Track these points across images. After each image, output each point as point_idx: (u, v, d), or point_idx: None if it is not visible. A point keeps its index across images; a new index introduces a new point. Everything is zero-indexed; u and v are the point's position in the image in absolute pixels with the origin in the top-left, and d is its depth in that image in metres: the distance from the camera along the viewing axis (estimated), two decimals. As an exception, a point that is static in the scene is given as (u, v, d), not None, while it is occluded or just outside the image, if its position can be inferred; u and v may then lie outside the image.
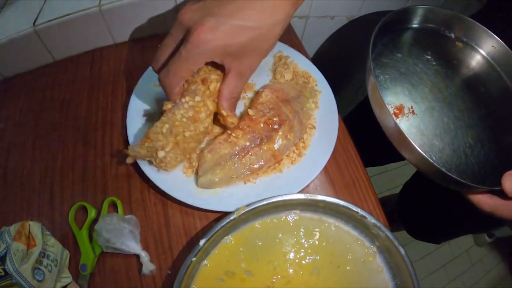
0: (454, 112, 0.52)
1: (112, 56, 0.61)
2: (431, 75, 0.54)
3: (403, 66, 0.54)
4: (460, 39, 0.58)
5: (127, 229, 0.45)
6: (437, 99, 0.52)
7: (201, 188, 0.47)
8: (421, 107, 0.51)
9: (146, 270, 0.44)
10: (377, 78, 0.51)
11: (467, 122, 0.51)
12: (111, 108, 0.56)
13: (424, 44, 0.57)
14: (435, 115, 0.51)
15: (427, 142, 0.49)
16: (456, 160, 0.48)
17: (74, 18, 0.55)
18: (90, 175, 0.51)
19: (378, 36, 0.51)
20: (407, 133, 0.47)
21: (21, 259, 0.39)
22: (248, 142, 0.48)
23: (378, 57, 0.53)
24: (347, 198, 0.51)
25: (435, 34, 0.58)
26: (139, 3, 0.56)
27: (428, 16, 0.56)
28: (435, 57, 0.56)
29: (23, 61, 0.59)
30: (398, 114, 0.50)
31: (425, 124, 0.50)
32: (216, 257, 0.44)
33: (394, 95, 0.51)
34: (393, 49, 0.55)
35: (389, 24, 0.52)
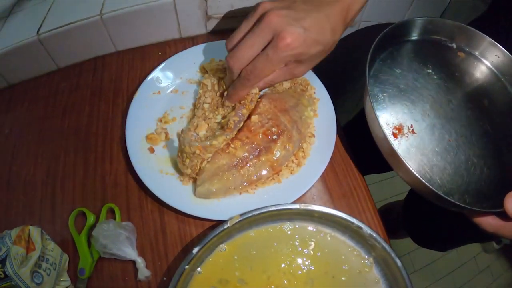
0: (457, 128, 0.50)
1: (114, 64, 0.62)
2: (432, 90, 0.53)
3: (403, 82, 0.52)
4: (462, 49, 0.56)
5: (123, 235, 0.45)
6: (439, 115, 0.51)
7: (198, 198, 0.48)
8: (421, 125, 0.50)
9: (141, 276, 0.45)
10: (376, 96, 0.50)
11: (469, 138, 0.50)
12: (112, 116, 0.57)
13: (424, 57, 0.55)
14: (436, 133, 0.50)
15: (427, 162, 0.48)
16: (458, 178, 0.47)
17: (76, 26, 0.56)
18: (90, 181, 0.52)
19: (375, 52, 0.50)
20: (406, 153, 0.47)
21: (21, 262, 0.40)
22: (246, 153, 0.48)
23: (377, 74, 0.52)
24: (344, 208, 0.51)
25: (436, 45, 0.57)
26: (139, 12, 0.57)
27: (428, 28, 0.55)
28: (436, 70, 0.54)
29: (28, 68, 0.60)
30: (398, 134, 0.49)
31: (426, 143, 0.49)
32: (210, 265, 0.45)
33: (393, 114, 0.50)
34: (392, 64, 0.54)
35: (388, 38, 0.51)
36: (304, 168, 0.51)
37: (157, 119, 0.54)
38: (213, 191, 0.47)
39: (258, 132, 0.49)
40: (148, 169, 0.49)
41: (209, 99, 0.53)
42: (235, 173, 0.48)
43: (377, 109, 0.50)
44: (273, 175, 0.49)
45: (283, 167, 0.50)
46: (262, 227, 0.47)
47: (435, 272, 1.36)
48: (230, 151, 0.48)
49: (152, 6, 0.57)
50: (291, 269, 0.45)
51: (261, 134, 0.49)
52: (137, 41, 0.62)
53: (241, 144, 0.48)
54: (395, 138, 0.48)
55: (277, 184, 0.50)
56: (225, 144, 0.48)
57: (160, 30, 0.62)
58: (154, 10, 0.58)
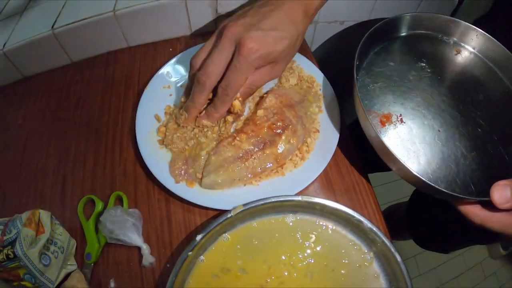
0: (447, 120, 0.50)
1: (126, 59, 0.64)
2: (425, 82, 0.53)
3: (396, 74, 0.53)
4: (459, 45, 0.57)
5: (130, 222, 0.47)
6: (430, 107, 0.51)
7: (206, 189, 0.49)
8: (411, 115, 0.50)
9: (146, 262, 0.47)
10: (366, 87, 0.51)
11: (460, 130, 0.50)
12: (123, 108, 0.59)
13: (419, 51, 0.56)
14: (426, 124, 0.50)
15: (415, 151, 0.48)
16: (446, 169, 0.47)
17: (90, 22, 0.58)
18: (100, 170, 0.54)
19: (368, 45, 0.51)
20: (392, 141, 0.47)
21: (30, 244, 0.41)
22: (251, 146, 0.49)
23: (370, 66, 0.53)
24: (346, 202, 0.51)
25: (432, 40, 0.57)
26: (151, 9, 0.59)
27: (425, 23, 0.56)
28: (430, 64, 0.54)
29: (42, 62, 0.63)
30: (385, 122, 0.49)
31: (414, 132, 0.49)
32: (213, 253, 0.46)
33: (383, 104, 0.50)
34: (386, 58, 0.54)
35: (382, 32, 0.52)
36: (308, 162, 0.51)
37: (166, 111, 0.56)
38: (219, 182, 0.49)
39: (264, 126, 0.50)
40: (156, 160, 0.51)
41: None
42: (240, 165, 0.49)
43: (366, 98, 0.50)
44: (277, 168, 0.51)
45: (287, 160, 0.51)
46: (264, 218, 0.48)
47: (440, 276, 1.35)
48: (236, 144, 0.49)
49: (164, 3, 0.59)
50: (292, 260, 0.46)
51: (266, 128, 0.50)
52: (149, 37, 0.64)
53: (247, 137, 0.49)
54: (383, 126, 0.49)
55: (280, 177, 0.51)
56: (231, 137, 0.50)
57: (171, 26, 0.64)
58: (166, 7, 0.60)
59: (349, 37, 0.81)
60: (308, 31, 0.77)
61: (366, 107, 0.49)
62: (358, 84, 0.47)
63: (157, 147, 0.52)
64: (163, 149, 0.52)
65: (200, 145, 0.51)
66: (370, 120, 0.44)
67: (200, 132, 0.52)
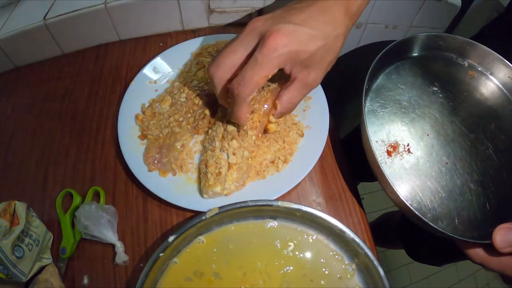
0: (456, 151, 0.48)
1: (116, 52, 0.63)
2: (436, 108, 0.51)
3: (406, 98, 0.51)
4: (474, 68, 0.54)
5: (105, 218, 0.46)
6: (439, 136, 0.49)
7: (182, 188, 0.48)
8: (418, 145, 0.48)
9: (119, 260, 0.46)
10: (375, 112, 0.49)
11: (469, 163, 0.48)
12: (108, 102, 0.58)
13: (432, 73, 0.53)
14: (434, 154, 0.48)
15: (419, 183, 0.46)
16: (451, 203, 0.45)
17: (81, 14, 0.57)
18: (81, 164, 0.53)
19: (379, 66, 0.48)
20: (397, 172, 0.46)
21: (3, 235, 0.41)
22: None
23: (379, 89, 0.51)
24: (330, 210, 0.50)
25: (446, 62, 0.54)
26: (143, 2, 0.58)
27: (439, 44, 0.53)
28: (442, 88, 0.52)
29: (34, 52, 0.63)
30: (392, 152, 0.47)
31: (421, 163, 0.47)
32: (187, 256, 0.45)
33: (391, 131, 0.48)
34: (397, 80, 0.52)
35: (394, 52, 0.49)
36: (291, 166, 0.50)
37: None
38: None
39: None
40: (136, 156, 0.50)
41: (181, 78, 0.55)
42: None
43: (375, 124, 0.49)
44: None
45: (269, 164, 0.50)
46: (242, 222, 0.46)
47: (433, 286, 1.32)
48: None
49: (156, -3, 0.58)
50: (268, 269, 0.44)
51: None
52: (140, 31, 0.63)
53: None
54: (389, 156, 0.47)
55: (262, 180, 0.49)
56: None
57: (163, 21, 0.63)
58: (157, 2, 0.59)
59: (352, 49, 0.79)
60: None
61: (373, 135, 0.48)
62: (366, 110, 0.45)
63: (138, 143, 0.51)
64: (144, 145, 0.51)
65: (174, 135, 0.50)
66: (375, 152, 0.42)
67: (175, 121, 0.51)
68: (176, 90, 0.54)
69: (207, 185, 0.46)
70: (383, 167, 0.42)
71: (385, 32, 0.79)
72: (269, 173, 0.49)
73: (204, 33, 0.63)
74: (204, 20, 0.64)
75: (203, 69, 0.55)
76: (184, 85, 0.54)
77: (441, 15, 0.77)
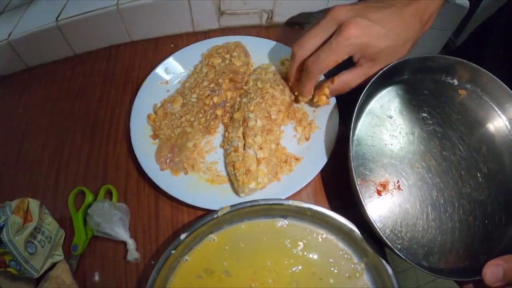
0: (447, 182, 0.47)
1: (128, 53, 0.64)
2: (425, 138, 0.49)
3: (394, 129, 0.50)
4: (464, 87, 0.52)
5: (117, 216, 0.47)
6: (429, 168, 0.48)
7: (193, 187, 0.49)
8: (408, 180, 0.47)
9: (131, 257, 0.46)
10: (363, 149, 0.48)
11: (460, 193, 0.47)
12: (120, 102, 0.59)
13: (420, 98, 0.51)
14: (424, 188, 0.47)
15: (409, 219, 0.45)
16: (442, 237, 0.45)
17: (93, 15, 0.58)
18: (93, 163, 0.54)
19: (367, 96, 0.48)
20: (386, 211, 0.46)
21: (17, 231, 0.41)
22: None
23: (369, 119, 0.50)
24: (340, 210, 0.50)
25: (436, 83, 0.52)
26: (154, 4, 0.59)
27: (428, 65, 0.51)
28: (432, 114, 0.50)
29: (46, 53, 0.64)
30: (382, 191, 0.47)
31: (411, 200, 0.46)
32: (198, 253, 0.45)
33: (380, 169, 0.47)
34: (386, 108, 0.50)
35: (384, 77, 0.48)
36: (301, 166, 0.50)
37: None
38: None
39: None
40: (148, 155, 0.51)
41: (192, 79, 0.56)
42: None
43: (363, 163, 0.48)
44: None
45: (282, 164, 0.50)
46: (253, 221, 0.47)
47: (440, 288, 1.31)
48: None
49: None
50: (277, 267, 0.45)
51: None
52: (151, 32, 0.64)
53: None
54: (379, 195, 0.46)
55: (275, 182, 0.50)
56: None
57: (174, 23, 0.64)
58: (168, 3, 0.60)
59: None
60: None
61: (362, 175, 0.47)
62: (353, 151, 0.44)
63: (150, 142, 0.52)
64: (156, 144, 0.52)
65: (186, 135, 0.51)
66: (362, 196, 0.41)
67: (186, 121, 0.52)
68: (187, 90, 0.55)
69: (241, 184, 0.47)
70: (370, 214, 0.41)
71: None
72: (284, 173, 0.50)
73: (214, 34, 0.64)
74: (215, 21, 0.65)
75: (214, 70, 0.56)
76: (195, 86, 0.55)
77: (449, 16, 0.78)
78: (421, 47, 0.86)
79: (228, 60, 0.56)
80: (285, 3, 0.63)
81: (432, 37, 0.85)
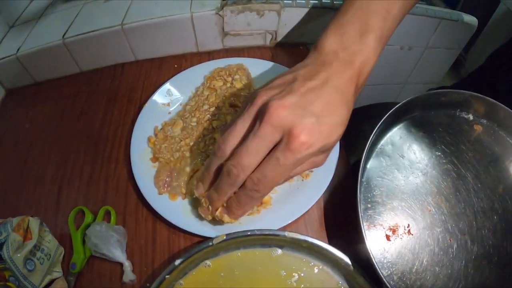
0: (460, 226, 0.45)
1: (132, 72, 0.65)
2: (438, 177, 0.47)
3: (406, 169, 0.48)
4: (479, 122, 0.50)
5: (114, 238, 0.47)
6: (441, 211, 0.46)
7: (190, 213, 0.49)
8: (419, 224, 0.45)
9: (126, 279, 0.47)
10: (373, 191, 0.46)
11: (473, 237, 0.44)
12: (123, 122, 0.60)
13: (434, 134, 0.50)
14: (436, 233, 0.45)
15: (419, 266, 0.43)
16: (454, 285, 0.43)
17: (98, 34, 0.59)
18: (94, 182, 0.55)
19: (377, 136, 0.46)
20: (394, 257, 0.44)
21: (16, 248, 0.43)
22: None
23: (378, 161, 0.48)
24: (338, 241, 0.49)
25: (449, 119, 0.50)
26: (158, 24, 0.60)
27: (442, 100, 0.49)
28: (446, 151, 0.48)
29: (53, 69, 0.65)
30: (391, 236, 0.45)
31: (422, 244, 0.44)
32: (192, 279, 0.46)
33: (390, 212, 0.45)
34: (397, 148, 0.48)
35: (394, 116, 0.46)
36: (301, 194, 0.50)
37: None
38: None
39: None
40: (147, 178, 0.51)
41: (193, 102, 0.56)
42: None
43: (372, 206, 0.46)
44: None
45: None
46: (249, 249, 0.47)
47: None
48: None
49: (171, 19, 0.59)
50: (271, 298, 0.45)
51: None
52: (156, 52, 0.65)
53: None
54: (388, 240, 0.45)
55: (271, 207, 0.50)
56: None
57: (178, 43, 0.64)
58: (172, 24, 0.60)
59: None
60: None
61: (370, 219, 0.45)
62: (361, 193, 0.43)
63: (150, 165, 0.53)
64: (155, 167, 0.52)
65: (185, 160, 0.51)
66: (368, 244, 0.40)
67: (185, 145, 0.52)
68: (187, 113, 0.55)
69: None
70: (376, 262, 0.39)
71: (400, 54, 0.79)
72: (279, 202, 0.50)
73: (218, 55, 0.65)
74: (219, 42, 0.65)
75: (215, 93, 0.56)
76: (195, 109, 0.55)
77: (457, 34, 0.76)
78: (428, 68, 0.85)
79: (230, 83, 0.57)
80: (289, 24, 0.63)
81: (439, 57, 0.83)
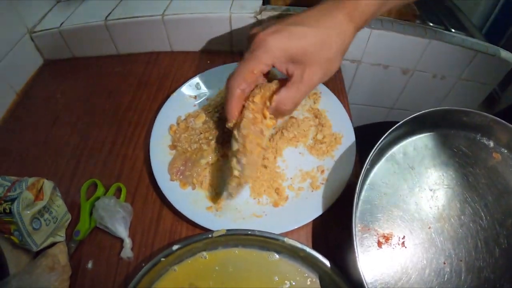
0: (458, 250, 0.42)
1: (166, 61, 0.67)
2: (445, 197, 0.45)
3: (414, 181, 0.46)
4: (500, 150, 0.48)
5: (120, 214, 0.49)
6: (442, 231, 0.43)
7: (197, 203, 0.50)
8: (415, 239, 0.43)
9: (124, 255, 0.48)
10: (375, 193, 0.45)
11: (471, 266, 0.42)
12: (149, 108, 0.62)
13: (449, 154, 0.48)
14: (431, 252, 0.42)
15: (406, 283, 0.41)
16: None
17: (140, 21, 0.62)
18: (112, 159, 0.57)
19: (388, 143, 0.45)
20: (382, 266, 0.41)
21: (26, 205, 0.45)
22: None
23: (386, 166, 0.47)
24: (337, 256, 0.49)
25: (468, 141, 0.48)
26: (197, 20, 0.62)
27: (463, 119, 0.47)
28: (458, 173, 0.46)
29: (92, 47, 0.68)
30: (383, 243, 0.43)
31: (414, 260, 0.42)
32: (187, 266, 0.46)
33: (387, 220, 0.44)
34: (408, 157, 0.47)
35: (412, 124, 0.45)
36: (308, 202, 0.50)
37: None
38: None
39: None
40: (162, 163, 0.53)
41: (219, 98, 0.59)
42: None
43: (369, 210, 0.44)
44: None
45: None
46: (248, 249, 0.47)
47: None
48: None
49: (210, 17, 0.62)
50: (259, 303, 0.44)
51: None
52: (191, 45, 0.67)
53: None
54: (379, 247, 0.43)
55: (282, 208, 0.50)
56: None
57: (214, 40, 0.66)
58: (211, 21, 0.62)
59: (390, 82, 0.79)
60: (349, 70, 0.75)
61: (365, 221, 0.44)
62: (361, 194, 0.42)
63: (167, 152, 0.54)
64: (172, 155, 0.54)
65: (201, 152, 0.53)
66: (356, 243, 0.38)
67: (204, 139, 0.54)
68: (211, 108, 0.57)
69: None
70: (360, 266, 0.37)
71: (432, 82, 0.77)
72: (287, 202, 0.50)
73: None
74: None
75: None
76: (219, 105, 0.57)
77: (492, 70, 0.74)
78: (459, 99, 0.82)
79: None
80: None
81: (472, 90, 0.80)
